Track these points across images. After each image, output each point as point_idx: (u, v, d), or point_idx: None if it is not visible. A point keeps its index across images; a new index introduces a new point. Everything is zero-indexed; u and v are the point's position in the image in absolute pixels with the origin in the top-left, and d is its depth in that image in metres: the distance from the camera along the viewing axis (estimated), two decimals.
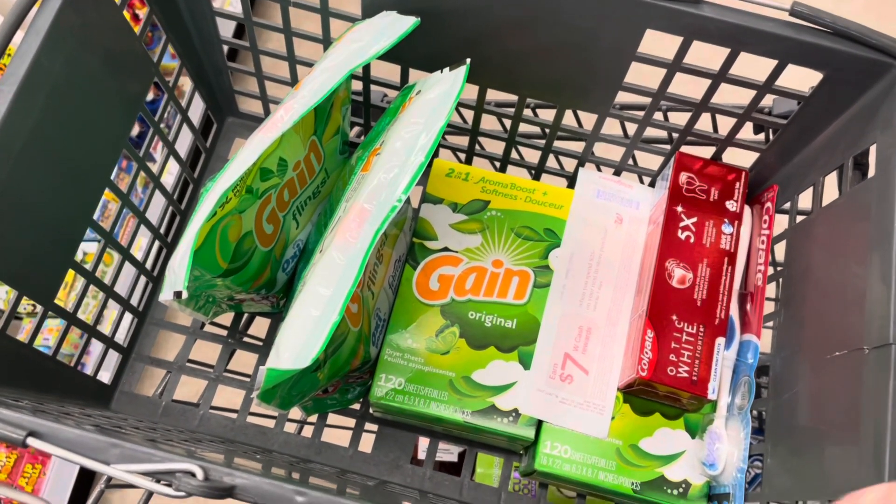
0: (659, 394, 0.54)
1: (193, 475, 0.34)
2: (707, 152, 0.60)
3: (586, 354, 0.56)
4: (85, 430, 0.35)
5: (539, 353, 0.56)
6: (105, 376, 0.59)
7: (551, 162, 0.65)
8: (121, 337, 0.61)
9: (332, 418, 0.62)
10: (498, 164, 0.66)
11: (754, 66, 0.51)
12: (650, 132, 0.65)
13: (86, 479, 1.36)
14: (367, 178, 0.45)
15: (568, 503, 0.60)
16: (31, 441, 0.34)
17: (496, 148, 0.68)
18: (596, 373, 0.56)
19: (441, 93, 0.46)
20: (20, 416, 0.34)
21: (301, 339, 0.39)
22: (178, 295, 0.41)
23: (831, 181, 0.53)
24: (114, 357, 0.61)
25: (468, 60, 0.46)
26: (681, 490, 0.54)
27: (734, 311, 0.55)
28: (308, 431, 0.62)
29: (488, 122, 0.62)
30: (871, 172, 0.45)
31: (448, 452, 0.95)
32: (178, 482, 0.34)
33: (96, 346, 1.20)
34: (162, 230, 0.62)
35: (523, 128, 0.64)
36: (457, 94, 0.45)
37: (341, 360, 0.50)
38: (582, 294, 0.58)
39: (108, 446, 0.34)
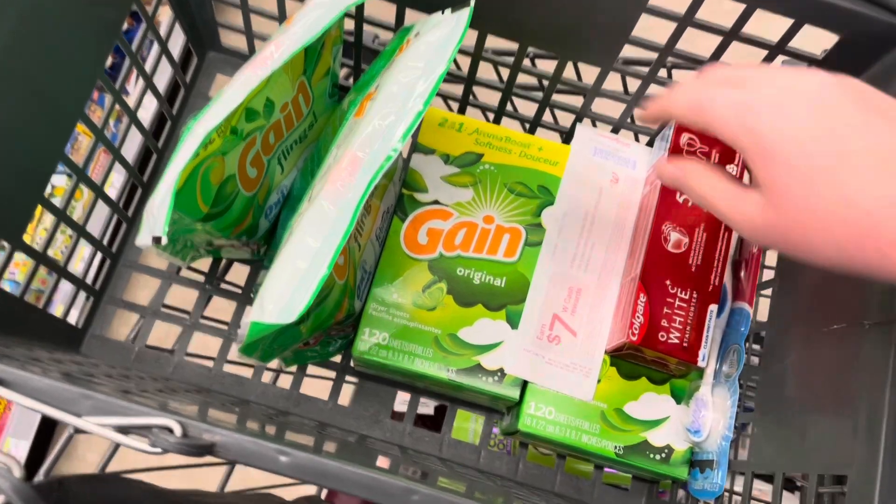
0: (646, 358, 0.53)
1: (171, 431, 0.33)
2: None
3: (575, 316, 0.55)
4: (55, 380, 0.33)
5: (527, 313, 0.55)
6: (72, 315, 0.57)
7: (546, 116, 0.62)
8: (91, 278, 0.59)
9: (311, 369, 0.61)
10: (490, 116, 0.64)
11: (766, 26, 0.49)
12: (652, 89, 0.63)
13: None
14: (360, 123, 0.42)
15: (546, 460, 0.60)
16: None
17: (488, 98, 0.65)
18: (584, 335, 0.55)
19: (442, 36, 0.43)
20: None
21: (287, 292, 0.38)
22: (156, 240, 0.39)
23: None
24: (82, 298, 0.58)
25: (472, 2, 0.44)
26: (663, 455, 0.53)
27: (727, 278, 0.54)
28: (284, 381, 0.60)
29: (482, 71, 0.60)
30: None
31: (424, 405, 0.95)
32: (154, 438, 0.32)
33: (65, 286, 1.16)
34: (136, 168, 0.59)
35: (520, 79, 0.61)
36: (459, 39, 0.42)
37: (325, 313, 0.48)
38: (573, 254, 0.56)
39: (80, 397, 0.32)
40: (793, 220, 0.33)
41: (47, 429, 1.37)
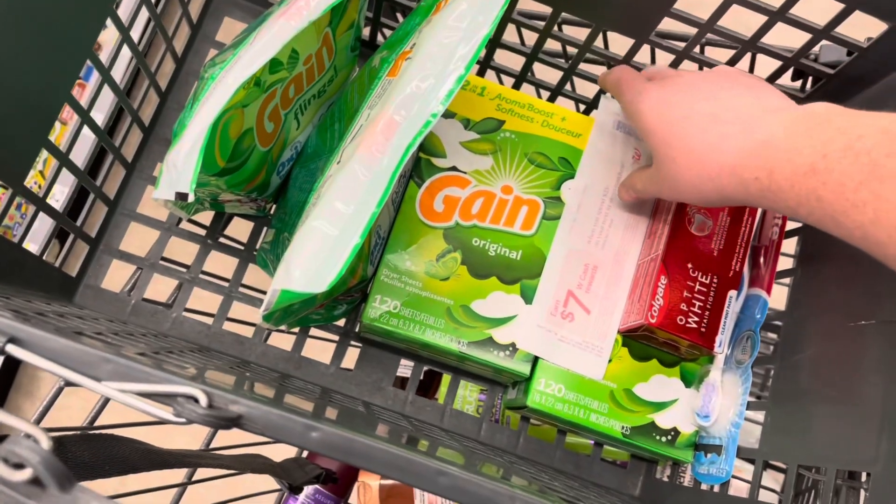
0: (658, 340, 0.52)
1: (196, 400, 0.31)
2: None
3: (590, 293, 0.54)
4: (73, 340, 0.31)
5: (542, 288, 0.53)
6: (33, 248, 0.54)
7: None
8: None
9: (313, 331, 0.59)
10: (500, 80, 0.62)
11: (814, 9, 0.47)
12: (685, 65, 0.61)
13: None
14: (395, 84, 0.40)
15: (546, 435, 0.60)
16: (10, 349, 0.30)
17: (505, 60, 0.63)
18: (598, 313, 0.54)
19: None
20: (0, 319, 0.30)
21: (316, 260, 0.36)
22: (182, 196, 0.37)
23: None
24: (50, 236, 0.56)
25: None
26: (669, 437, 0.53)
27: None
28: (277, 341, 0.58)
29: (505, 33, 0.57)
30: None
31: (408, 368, 0.93)
32: (179, 407, 0.30)
33: (42, 228, 1.12)
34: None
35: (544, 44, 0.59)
36: (505, 1, 0.40)
37: (340, 278, 0.47)
38: (591, 231, 0.55)
39: (100, 360, 0.31)
40: (668, 174, 0.44)
41: (10, 366, 1.34)
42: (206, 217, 0.59)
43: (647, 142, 0.45)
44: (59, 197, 1.16)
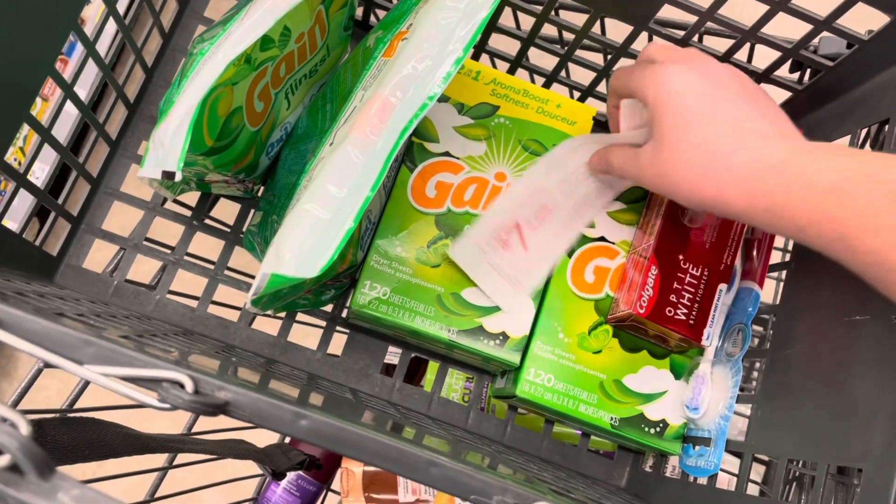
0: (648, 332, 0.52)
1: (182, 386, 0.30)
2: None
3: (535, 232, 0.52)
4: (54, 322, 0.29)
5: (494, 209, 0.51)
6: (13, 226, 0.52)
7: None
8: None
9: (300, 316, 0.58)
10: (494, 65, 0.61)
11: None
12: None
13: None
14: (391, 65, 0.39)
15: (531, 422, 0.59)
16: None
17: (498, 44, 0.62)
18: (534, 253, 0.51)
19: None
20: None
21: (307, 244, 0.35)
22: (168, 175, 0.35)
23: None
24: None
25: None
26: (658, 429, 0.53)
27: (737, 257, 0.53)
28: (262, 326, 0.57)
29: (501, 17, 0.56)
30: None
31: (394, 355, 0.92)
32: (164, 393, 0.29)
33: (23, 206, 1.10)
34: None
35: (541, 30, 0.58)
36: None
37: (331, 263, 0.46)
38: (564, 178, 0.51)
39: (82, 343, 0.29)
40: (668, 160, 0.41)
41: None
42: (192, 197, 0.58)
43: (657, 119, 0.41)
44: (39, 174, 1.14)
